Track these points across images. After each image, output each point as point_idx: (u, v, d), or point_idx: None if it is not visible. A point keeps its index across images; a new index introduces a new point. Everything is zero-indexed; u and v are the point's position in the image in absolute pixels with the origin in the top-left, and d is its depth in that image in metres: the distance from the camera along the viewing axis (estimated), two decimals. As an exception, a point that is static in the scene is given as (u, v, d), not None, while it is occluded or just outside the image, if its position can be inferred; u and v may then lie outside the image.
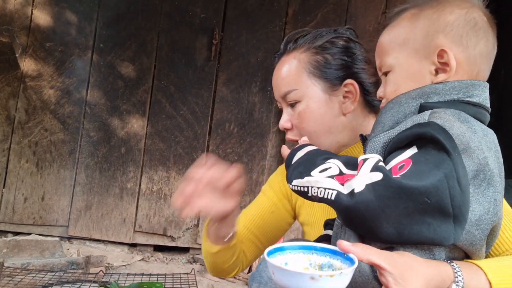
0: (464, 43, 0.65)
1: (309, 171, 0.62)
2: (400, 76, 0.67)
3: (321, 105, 0.84)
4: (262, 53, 2.55)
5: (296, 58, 0.86)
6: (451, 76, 0.64)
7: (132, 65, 2.57)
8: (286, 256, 0.57)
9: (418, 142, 0.56)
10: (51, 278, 1.75)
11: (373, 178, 0.53)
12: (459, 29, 0.64)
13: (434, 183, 0.51)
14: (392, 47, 0.68)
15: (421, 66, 0.65)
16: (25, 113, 2.55)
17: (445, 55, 0.63)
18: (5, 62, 2.54)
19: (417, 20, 0.67)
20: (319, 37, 0.86)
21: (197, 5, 2.57)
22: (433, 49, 0.64)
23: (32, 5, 2.56)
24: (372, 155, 0.58)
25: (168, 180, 2.54)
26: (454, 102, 0.63)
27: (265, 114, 2.56)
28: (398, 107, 0.65)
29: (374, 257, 0.53)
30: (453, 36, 0.64)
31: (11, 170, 2.53)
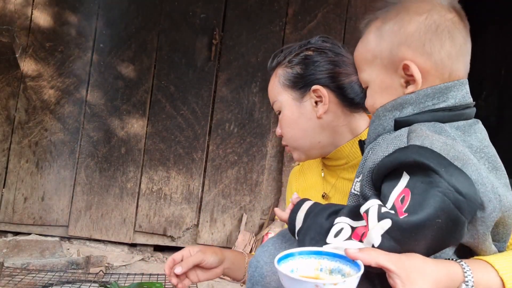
0: (428, 50, 0.65)
1: (324, 238, 0.62)
2: (375, 91, 0.70)
3: (293, 111, 0.92)
4: (262, 53, 2.55)
5: (275, 73, 0.97)
6: (419, 86, 0.65)
7: (132, 65, 2.57)
8: (297, 261, 0.58)
9: (405, 168, 0.57)
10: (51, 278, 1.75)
11: (384, 227, 0.54)
12: (420, 38, 0.65)
13: (438, 205, 0.52)
14: (364, 63, 0.72)
15: (392, 80, 0.68)
16: (25, 113, 2.55)
17: (411, 69, 0.65)
18: (5, 62, 2.54)
19: (382, 35, 0.69)
20: (289, 52, 0.95)
21: (197, 5, 2.57)
22: (398, 63, 0.66)
23: (32, 5, 2.56)
24: (372, 203, 0.59)
25: (168, 180, 2.54)
26: (427, 112, 0.64)
27: (265, 114, 2.56)
28: (378, 121, 0.68)
29: (382, 259, 0.53)
30: (416, 46, 0.65)
31: (11, 170, 2.53)
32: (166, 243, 2.54)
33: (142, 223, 2.53)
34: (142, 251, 2.56)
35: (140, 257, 2.47)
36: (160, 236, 2.54)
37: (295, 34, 2.55)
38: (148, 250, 2.57)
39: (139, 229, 2.53)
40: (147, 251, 2.56)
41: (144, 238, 2.55)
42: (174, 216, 2.53)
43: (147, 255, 2.51)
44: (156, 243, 2.56)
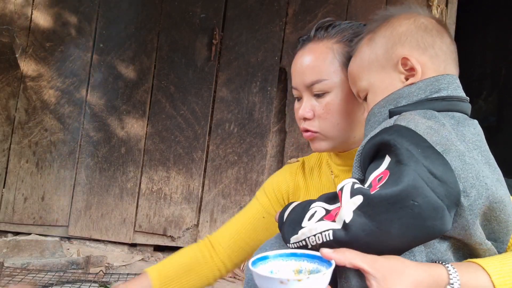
0: (422, 45, 0.69)
1: (300, 223, 0.62)
2: (377, 93, 0.71)
3: (350, 98, 0.82)
4: (262, 53, 2.55)
5: (328, 47, 0.83)
6: (420, 77, 0.67)
7: (132, 65, 2.57)
8: (277, 263, 0.60)
9: (386, 150, 0.57)
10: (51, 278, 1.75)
11: (356, 202, 0.54)
12: (412, 35, 0.69)
13: (409, 182, 0.52)
14: (361, 72, 0.73)
15: (392, 78, 0.70)
16: (25, 113, 2.55)
17: (408, 61, 0.67)
18: (5, 62, 2.54)
19: (374, 42, 0.72)
20: (352, 29, 0.85)
21: (197, 5, 2.57)
22: (396, 60, 0.69)
23: (32, 5, 2.56)
24: (346, 181, 0.59)
25: (168, 180, 2.54)
26: (422, 101, 0.65)
27: (265, 114, 2.56)
28: (373, 118, 0.69)
29: (357, 260, 0.54)
30: (410, 43, 0.69)
31: (11, 170, 2.53)
32: (166, 243, 2.54)
33: (142, 223, 2.53)
34: (142, 251, 2.56)
35: (140, 257, 2.47)
36: (160, 236, 2.54)
37: (295, 34, 2.55)
38: (148, 250, 2.57)
39: (139, 229, 2.53)
40: (147, 251, 2.56)
41: (144, 238, 2.55)
42: (174, 216, 2.53)
43: (147, 255, 2.51)
44: (156, 243, 2.56)
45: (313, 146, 0.88)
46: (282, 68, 2.55)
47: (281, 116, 2.58)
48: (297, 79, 0.86)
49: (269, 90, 2.54)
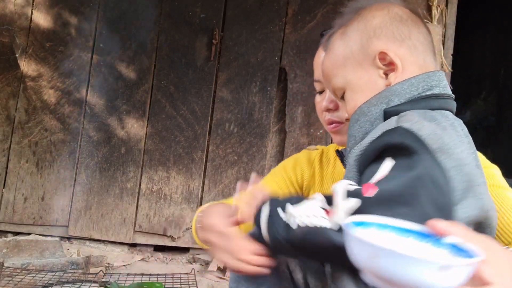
0: (398, 37, 0.65)
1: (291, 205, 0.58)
2: (356, 91, 0.68)
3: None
4: (262, 53, 2.55)
5: None
6: (401, 72, 0.64)
7: (132, 65, 2.57)
8: (384, 234, 0.45)
9: (390, 152, 0.55)
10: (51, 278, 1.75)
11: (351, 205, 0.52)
12: (388, 28, 0.66)
13: (405, 184, 0.49)
14: (335, 69, 0.70)
15: (370, 75, 0.66)
16: (25, 113, 2.55)
17: (387, 56, 0.64)
18: (5, 62, 2.54)
19: (347, 36, 0.68)
20: None
21: (197, 5, 2.57)
22: (373, 55, 0.65)
23: (32, 5, 2.56)
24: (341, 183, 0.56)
25: (168, 180, 2.54)
26: (416, 100, 0.62)
27: (265, 114, 2.56)
28: (363, 117, 0.65)
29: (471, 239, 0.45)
30: (386, 35, 0.65)
31: (11, 170, 2.53)
32: (166, 243, 2.54)
33: (142, 223, 2.53)
34: (142, 251, 2.56)
35: (140, 257, 2.47)
36: (160, 236, 2.54)
37: (295, 34, 2.55)
38: (148, 250, 2.57)
39: (139, 229, 2.53)
40: (147, 251, 2.56)
41: (144, 238, 2.55)
42: (174, 216, 2.53)
43: (147, 255, 2.51)
44: (156, 243, 2.56)
45: (335, 139, 0.89)
46: (282, 68, 2.55)
47: (281, 116, 2.58)
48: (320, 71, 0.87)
49: (269, 90, 2.55)
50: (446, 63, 2.43)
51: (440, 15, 2.48)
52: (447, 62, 2.44)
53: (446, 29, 2.49)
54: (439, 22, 2.48)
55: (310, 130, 2.54)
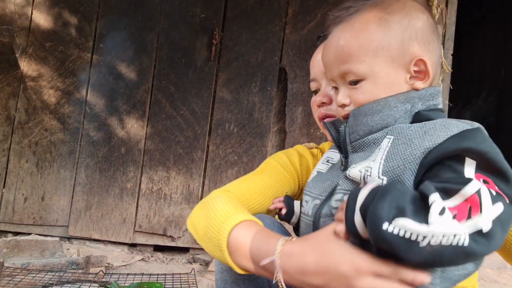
0: (431, 49, 0.65)
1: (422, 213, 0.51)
2: (378, 85, 0.65)
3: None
4: (262, 53, 2.55)
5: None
6: (429, 83, 0.66)
7: (132, 65, 2.57)
8: None
9: (470, 155, 0.54)
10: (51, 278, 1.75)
11: (497, 211, 0.50)
12: (426, 35, 0.65)
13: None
14: (364, 53, 0.65)
15: (398, 75, 0.65)
16: (25, 113, 2.55)
17: (421, 64, 0.64)
18: (5, 62, 2.54)
19: (389, 26, 0.65)
20: None
21: (197, 5, 2.57)
22: (410, 58, 0.64)
23: (32, 5, 2.56)
24: (479, 184, 0.51)
25: (168, 180, 2.54)
26: (434, 110, 0.65)
27: (265, 114, 2.56)
28: (388, 111, 0.64)
29: None
30: (424, 43, 0.65)
31: (11, 170, 2.53)
32: (166, 243, 2.54)
33: (142, 223, 2.53)
34: (142, 251, 2.56)
35: (140, 257, 2.47)
36: (160, 236, 2.54)
37: (295, 34, 2.55)
38: (148, 250, 2.57)
39: (139, 229, 2.53)
40: (147, 251, 2.56)
41: (144, 238, 2.55)
42: (174, 216, 2.53)
43: (147, 255, 2.51)
44: (156, 243, 2.56)
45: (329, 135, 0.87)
46: (282, 68, 2.55)
47: (281, 116, 2.58)
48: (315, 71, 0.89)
49: (269, 90, 2.55)
50: (446, 63, 2.43)
51: (440, 15, 2.48)
52: (447, 62, 2.44)
53: (446, 29, 2.49)
54: (439, 22, 2.48)
55: (310, 130, 2.54)
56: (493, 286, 2.38)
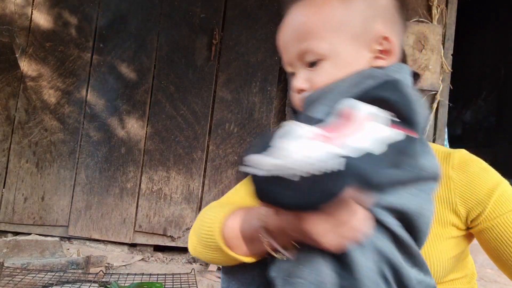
0: (395, 27, 0.61)
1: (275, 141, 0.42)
2: (339, 66, 0.59)
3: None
4: (262, 53, 2.55)
5: None
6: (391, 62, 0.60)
7: (132, 65, 2.57)
8: None
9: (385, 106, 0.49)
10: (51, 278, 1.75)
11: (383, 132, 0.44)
12: (390, 13, 0.61)
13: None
14: (324, 30, 0.59)
15: (359, 55, 0.59)
16: (25, 113, 2.55)
17: (386, 42, 0.59)
18: (5, 62, 2.54)
19: (351, 2, 0.60)
20: None
21: (197, 5, 2.57)
22: (374, 36, 0.59)
23: (32, 5, 2.56)
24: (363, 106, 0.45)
25: (168, 180, 2.54)
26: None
27: (265, 114, 2.56)
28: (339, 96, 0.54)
29: None
30: (388, 20, 0.60)
31: (11, 170, 2.53)
32: (166, 243, 2.54)
33: (142, 223, 2.53)
34: (142, 251, 2.56)
35: (140, 257, 2.47)
36: (160, 236, 2.54)
37: (295, 34, 2.55)
38: (148, 250, 2.57)
39: (139, 229, 2.53)
40: (147, 251, 2.56)
41: (144, 238, 2.55)
42: (174, 216, 2.53)
43: (147, 255, 2.51)
44: (156, 243, 2.56)
45: None
46: (282, 68, 2.55)
47: (281, 116, 2.58)
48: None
49: (269, 90, 2.55)
50: (446, 63, 2.43)
51: (440, 15, 2.48)
52: (447, 62, 2.44)
53: (446, 29, 2.49)
54: (439, 22, 2.48)
55: (310, 130, 2.54)
56: (493, 286, 2.38)
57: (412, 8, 2.53)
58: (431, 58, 2.38)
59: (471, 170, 0.75)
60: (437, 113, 2.48)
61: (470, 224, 0.75)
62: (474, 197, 0.73)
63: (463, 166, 0.76)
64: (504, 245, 0.72)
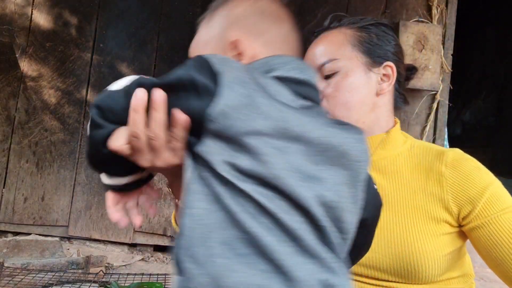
0: (254, 31, 0.65)
1: None
2: None
3: (359, 77, 0.83)
4: (262, 53, 2.55)
5: (341, 32, 0.87)
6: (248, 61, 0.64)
7: (132, 65, 2.57)
8: None
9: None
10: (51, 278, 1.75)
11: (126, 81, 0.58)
12: (248, 19, 0.65)
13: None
14: (195, 52, 0.70)
15: None
16: (25, 113, 2.55)
17: (238, 45, 0.63)
18: (5, 62, 2.54)
19: (212, 20, 0.69)
20: (364, 19, 0.88)
21: (197, 5, 2.57)
22: (227, 42, 0.64)
23: (32, 5, 2.56)
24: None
25: (168, 180, 2.54)
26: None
27: (265, 114, 2.56)
28: None
29: None
30: (244, 25, 0.65)
31: (11, 170, 2.53)
32: (166, 243, 2.54)
33: (142, 223, 2.53)
34: (142, 251, 2.56)
35: (140, 257, 2.47)
36: (160, 236, 2.54)
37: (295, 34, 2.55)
38: (148, 250, 2.57)
39: (139, 229, 2.53)
40: (147, 251, 2.56)
41: (144, 238, 2.55)
42: (174, 216, 2.53)
43: (147, 255, 2.51)
44: (156, 243, 2.56)
45: None
46: (282, 68, 2.55)
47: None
48: (309, 64, 0.87)
49: (269, 90, 2.55)
50: (446, 63, 2.43)
51: (440, 15, 2.48)
52: (447, 62, 2.44)
53: (446, 29, 2.49)
54: (439, 22, 2.48)
55: (310, 130, 2.54)
56: (493, 286, 2.38)
57: (412, 8, 2.53)
58: (431, 58, 2.38)
59: (464, 168, 0.77)
60: (437, 113, 2.48)
61: (462, 222, 0.76)
62: (465, 195, 0.75)
63: (456, 164, 0.78)
64: (494, 244, 0.73)
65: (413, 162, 0.82)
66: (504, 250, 0.72)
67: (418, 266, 0.73)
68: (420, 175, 0.80)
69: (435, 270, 0.74)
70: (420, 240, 0.74)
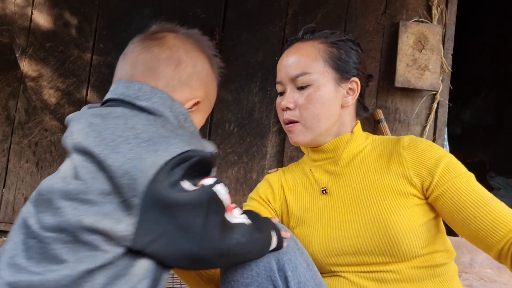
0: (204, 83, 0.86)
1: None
2: None
3: (330, 92, 0.91)
4: (262, 53, 2.55)
5: (314, 46, 0.94)
6: None
7: (132, 65, 2.57)
8: None
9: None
10: (51, 278, 1.75)
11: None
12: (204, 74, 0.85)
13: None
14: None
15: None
16: (25, 113, 2.55)
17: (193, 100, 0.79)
18: (5, 62, 2.54)
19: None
20: (334, 34, 0.96)
21: (197, 5, 2.57)
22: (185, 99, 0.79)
23: (32, 5, 2.56)
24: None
25: (168, 180, 2.54)
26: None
27: (265, 114, 2.56)
28: None
29: None
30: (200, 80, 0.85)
31: (11, 170, 2.53)
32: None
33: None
34: (142, 251, 2.56)
35: (140, 257, 2.47)
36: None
37: (295, 34, 2.53)
38: (148, 250, 2.57)
39: (139, 229, 2.53)
40: (147, 251, 2.56)
41: (144, 238, 2.55)
42: (174, 216, 2.53)
43: (147, 255, 2.51)
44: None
45: (292, 139, 0.96)
46: (282, 68, 2.55)
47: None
48: (282, 73, 0.95)
49: (269, 90, 2.55)
50: (446, 63, 2.44)
51: (440, 15, 2.48)
52: (447, 62, 2.45)
53: (446, 29, 2.49)
54: (439, 22, 2.48)
55: (310, 130, 2.54)
56: (493, 286, 2.38)
57: (412, 8, 2.53)
58: (431, 58, 2.38)
59: (419, 147, 0.88)
60: (437, 113, 2.49)
61: (426, 193, 0.85)
62: (424, 167, 0.85)
63: (412, 145, 0.89)
64: (455, 207, 0.81)
65: (376, 152, 0.94)
66: (465, 211, 0.79)
67: (398, 238, 0.80)
68: (383, 161, 0.91)
69: (415, 241, 0.80)
70: (394, 214, 0.83)
